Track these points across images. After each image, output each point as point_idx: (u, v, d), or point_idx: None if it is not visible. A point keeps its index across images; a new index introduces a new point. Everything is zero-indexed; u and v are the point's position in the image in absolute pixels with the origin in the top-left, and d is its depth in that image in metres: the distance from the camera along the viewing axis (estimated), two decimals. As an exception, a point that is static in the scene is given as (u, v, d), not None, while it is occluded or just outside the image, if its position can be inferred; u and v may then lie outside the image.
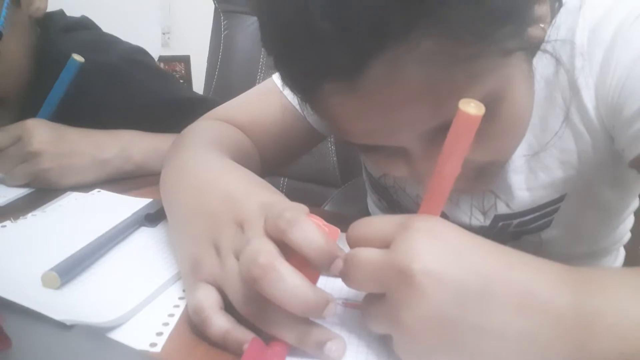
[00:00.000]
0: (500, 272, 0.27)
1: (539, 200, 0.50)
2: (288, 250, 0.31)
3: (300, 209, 0.32)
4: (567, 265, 0.28)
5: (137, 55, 0.79)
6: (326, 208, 0.94)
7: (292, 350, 0.31)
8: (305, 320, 0.31)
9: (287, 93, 0.60)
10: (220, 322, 0.31)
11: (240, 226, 0.33)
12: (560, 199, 0.50)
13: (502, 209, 0.52)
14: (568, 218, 0.51)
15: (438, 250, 0.28)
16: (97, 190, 0.58)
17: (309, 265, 0.30)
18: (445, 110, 0.33)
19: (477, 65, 0.33)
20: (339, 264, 0.30)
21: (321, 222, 0.32)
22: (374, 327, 0.31)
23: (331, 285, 0.31)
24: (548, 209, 0.50)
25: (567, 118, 0.45)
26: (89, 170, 0.63)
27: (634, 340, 0.25)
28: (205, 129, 0.56)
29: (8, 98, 0.70)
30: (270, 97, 0.60)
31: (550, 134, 0.46)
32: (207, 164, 0.42)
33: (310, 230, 0.30)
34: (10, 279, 0.37)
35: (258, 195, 0.35)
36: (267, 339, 0.31)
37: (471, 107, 0.28)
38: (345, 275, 0.31)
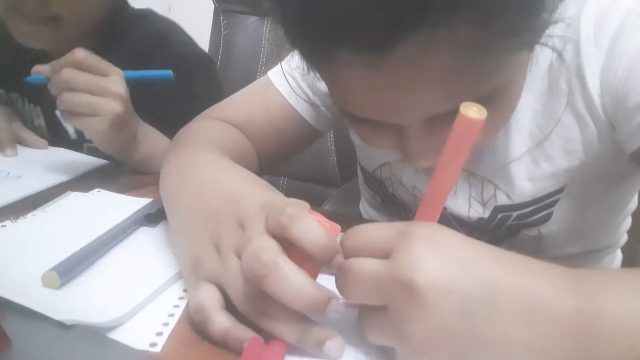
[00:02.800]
0: (504, 281, 0.27)
1: (540, 191, 0.50)
2: (289, 246, 0.31)
3: (302, 205, 0.32)
4: (569, 268, 0.28)
5: (208, 61, 0.83)
6: (326, 208, 0.94)
7: (291, 349, 0.31)
8: (305, 319, 0.31)
9: (283, 90, 0.60)
10: (221, 321, 0.31)
11: (241, 225, 0.33)
12: (560, 190, 0.50)
13: (502, 199, 0.51)
14: (567, 212, 0.51)
15: (441, 260, 0.27)
16: (97, 190, 0.58)
17: (309, 261, 0.30)
18: (460, 98, 0.33)
19: (502, 58, 0.33)
20: (340, 259, 0.30)
21: (322, 218, 0.32)
22: (374, 339, 0.30)
23: (332, 283, 0.31)
24: (548, 201, 0.50)
25: (570, 104, 0.45)
26: (128, 140, 0.63)
27: (638, 345, 0.25)
28: (203, 129, 0.56)
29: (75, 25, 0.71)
30: (266, 95, 0.60)
31: (554, 122, 0.46)
32: (206, 164, 0.42)
33: (311, 225, 0.30)
34: (10, 279, 0.37)
35: (258, 195, 0.35)
36: (267, 338, 0.31)
37: (473, 112, 0.27)
38: (342, 286, 0.30)
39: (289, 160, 0.69)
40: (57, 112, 0.77)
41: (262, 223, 0.32)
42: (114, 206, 0.53)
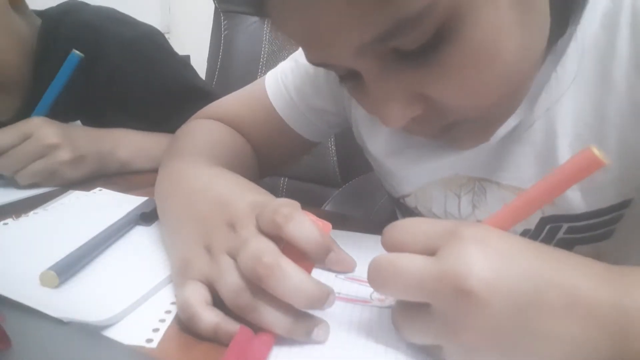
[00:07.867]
0: (547, 276, 0.27)
1: (594, 204, 0.42)
2: (279, 244, 0.32)
3: (294, 204, 0.33)
4: (608, 265, 0.28)
5: (158, 37, 0.80)
6: (327, 208, 0.94)
7: (279, 340, 0.31)
8: (294, 311, 0.31)
9: (274, 101, 0.59)
10: (209, 317, 0.31)
11: (232, 227, 0.34)
12: (623, 205, 0.42)
13: (548, 209, 0.45)
14: (633, 231, 0.43)
15: (489, 258, 0.27)
16: (98, 189, 0.59)
17: (304, 259, 0.32)
18: (376, 19, 0.30)
19: None
20: (333, 257, 0.32)
21: (313, 217, 0.33)
22: (415, 338, 0.30)
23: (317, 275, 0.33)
24: (607, 217, 0.43)
25: (631, 101, 0.38)
26: (94, 164, 0.63)
27: None
28: (198, 133, 0.56)
29: (6, 87, 0.70)
30: (260, 101, 0.60)
31: (608, 122, 0.38)
32: (196, 172, 0.43)
33: (306, 224, 0.31)
34: (11, 277, 0.38)
35: (247, 196, 0.36)
36: (255, 330, 0.31)
37: (598, 152, 0.27)
38: (382, 281, 0.30)
39: (288, 166, 0.68)
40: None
41: (253, 222, 0.33)
42: (115, 205, 0.53)
